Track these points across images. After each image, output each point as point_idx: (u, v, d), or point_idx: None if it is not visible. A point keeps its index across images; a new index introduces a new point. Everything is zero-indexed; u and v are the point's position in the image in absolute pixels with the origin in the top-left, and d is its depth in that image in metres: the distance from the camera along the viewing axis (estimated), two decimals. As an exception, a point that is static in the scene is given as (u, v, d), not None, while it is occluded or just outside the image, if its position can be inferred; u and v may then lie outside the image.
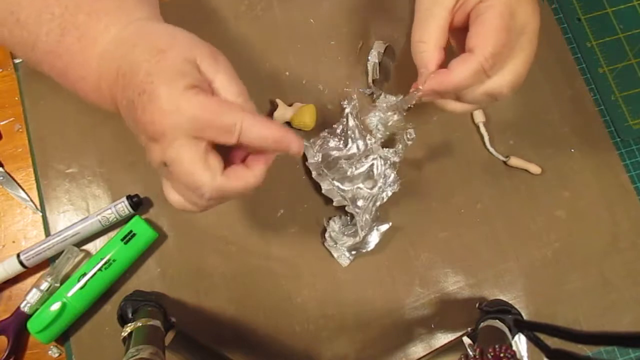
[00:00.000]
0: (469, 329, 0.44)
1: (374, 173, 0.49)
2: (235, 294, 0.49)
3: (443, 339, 0.49)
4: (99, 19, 0.33)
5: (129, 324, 0.40)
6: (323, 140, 0.50)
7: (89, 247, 0.49)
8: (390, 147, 0.49)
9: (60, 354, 0.47)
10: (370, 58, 0.53)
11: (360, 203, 0.49)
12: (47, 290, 0.46)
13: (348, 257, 0.49)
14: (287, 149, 0.32)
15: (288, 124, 0.52)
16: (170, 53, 0.30)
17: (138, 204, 0.49)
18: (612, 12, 0.57)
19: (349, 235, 0.48)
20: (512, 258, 0.51)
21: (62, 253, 0.47)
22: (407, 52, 0.54)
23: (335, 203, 0.49)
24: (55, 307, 0.44)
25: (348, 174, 0.49)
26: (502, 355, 0.34)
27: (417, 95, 0.39)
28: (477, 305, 0.46)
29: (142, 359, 0.34)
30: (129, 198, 0.48)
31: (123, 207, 0.48)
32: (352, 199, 0.49)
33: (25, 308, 0.46)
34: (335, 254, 0.49)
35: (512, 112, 0.54)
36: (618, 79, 0.55)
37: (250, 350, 0.48)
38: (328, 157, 0.50)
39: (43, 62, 0.35)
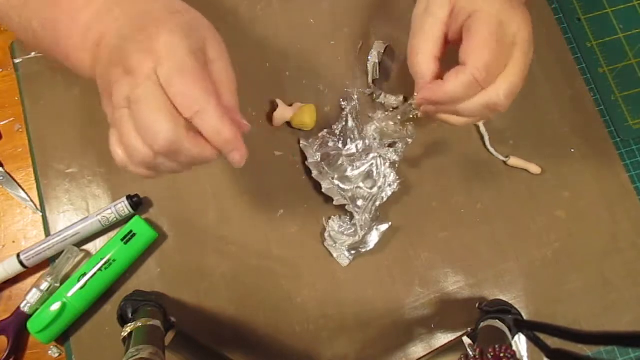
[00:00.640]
0: (469, 329, 0.44)
1: (374, 172, 0.49)
2: (235, 294, 0.49)
3: (443, 339, 0.49)
4: None
5: (129, 324, 0.40)
6: (322, 140, 0.50)
7: (89, 247, 0.49)
8: (390, 146, 0.49)
9: (60, 354, 0.47)
10: (370, 58, 0.53)
11: (360, 203, 0.49)
12: (47, 290, 0.46)
13: (348, 256, 0.49)
14: (230, 153, 0.32)
15: (288, 124, 0.52)
16: (186, 15, 0.32)
17: (138, 204, 0.49)
18: (612, 12, 0.57)
19: (349, 235, 0.48)
20: (512, 258, 0.51)
21: (62, 253, 0.47)
22: (407, 52, 0.54)
23: (335, 202, 0.49)
24: (55, 307, 0.44)
25: (348, 174, 0.49)
26: (502, 355, 0.34)
27: (413, 105, 0.40)
28: (477, 305, 0.46)
29: (142, 359, 0.34)
30: (129, 198, 0.48)
31: (123, 207, 0.48)
32: (352, 199, 0.49)
33: (25, 308, 0.46)
34: (335, 254, 0.49)
35: (512, 112, 0.53)
36: (618, 79, 0.55)
37: (250, 350, 0.48)
38: (327, 156, 0.50)
39: (33, 17, 0.35)
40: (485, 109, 0.38)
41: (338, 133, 0.51)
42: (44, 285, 0.46)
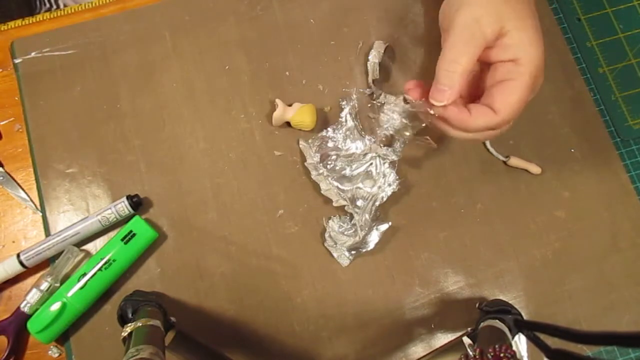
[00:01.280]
0: (469, 329, 0.44)
1: (373, 172, 0.49)
2: (235, 294, 0.49)
3: (443, 339, 0.49)
4: None
5: (129, 324, 0.40)
6: (321, 141, 0.50)
7: (89, 247, 0.49)
8: (389, 145, 0.49)
9: (60, 354, 0.47)
10: (370, 58, 0.53)
11: (360, 203, 0.49)
12: (47, 290, 0.46)
13: (348, 257, 0.49)
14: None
15: (288, 124, 0.52)
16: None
17: (138, 204, 0.49)
18: (612, 12, 0.57)
19: (349, 235, 0.48)
20: (512, 258, 0.51)
21: (62, 253, 0.47)
22: (407, 52, 0.54)
23: (335, 203, 0.49)
24: (55, 307, 0.44)
25: (347, 174, 0.49)
26: (502, 355, 0.34)
27: (426, 111, 0.42)
28: (477, 305, 0.46)
29: (142, 359, 0.34)
30: (129, 198, 0.48)
31: (123, 207, 0.48)
32: (351, 199, 0.49)
33: (25, 308, 0.46)
34: (335, 254, 0.49)
35: (512, 112, 0.54)
36: (618, 79, 0.55)
37: (250, 350, 0.48)
38: (327, 157, 0.50)
39: None
40: (487, 131, 0.42)
41: (338, 133, 0.51)
42: (44, 285, 0.46)
